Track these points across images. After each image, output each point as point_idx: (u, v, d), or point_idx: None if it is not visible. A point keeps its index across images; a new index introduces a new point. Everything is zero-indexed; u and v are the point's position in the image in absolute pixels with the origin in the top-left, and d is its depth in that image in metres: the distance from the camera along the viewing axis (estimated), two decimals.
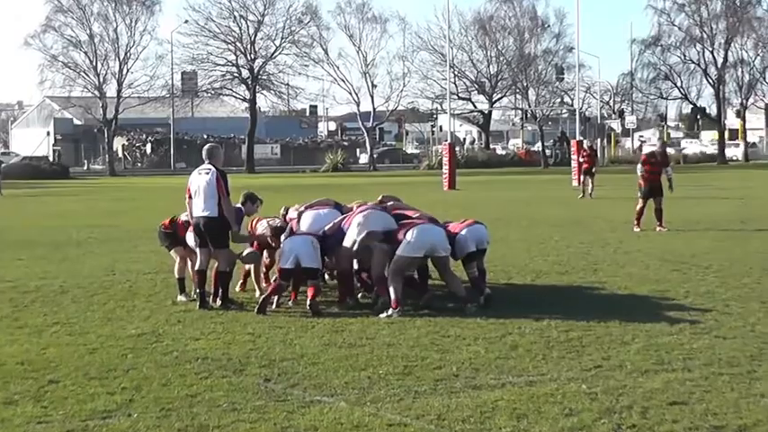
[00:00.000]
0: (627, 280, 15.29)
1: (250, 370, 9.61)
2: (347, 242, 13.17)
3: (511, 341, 10.78)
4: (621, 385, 8.83)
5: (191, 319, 12.44)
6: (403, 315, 12.24)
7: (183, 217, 13.90)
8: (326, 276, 14.74)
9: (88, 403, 8.41)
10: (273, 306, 12.99)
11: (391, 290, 12.53)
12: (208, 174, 13.27)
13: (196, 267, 13.39)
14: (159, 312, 12.93)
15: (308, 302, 12.67)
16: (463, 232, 13.53)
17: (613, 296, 13.99)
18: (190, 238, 13.68)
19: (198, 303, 13.17)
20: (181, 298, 13.77)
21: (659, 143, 25.42)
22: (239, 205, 14.09)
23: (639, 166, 23.75)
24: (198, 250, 13.40)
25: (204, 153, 13.67)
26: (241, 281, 14.74)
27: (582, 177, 38.95)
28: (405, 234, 12.74)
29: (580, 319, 11.89)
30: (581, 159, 40.24)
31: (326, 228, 13.46)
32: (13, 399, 8.62)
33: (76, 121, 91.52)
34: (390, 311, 12.36)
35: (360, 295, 13.70)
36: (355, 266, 13.67)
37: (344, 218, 13.61)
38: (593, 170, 38.14)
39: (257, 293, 13.94)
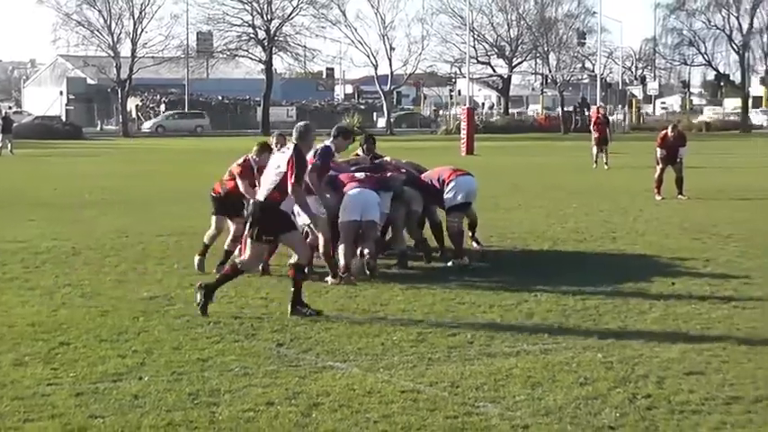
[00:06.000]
0: (646, 248, 15.27)
1: (262, 335, 9.66)
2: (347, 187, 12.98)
3: (527, 309, 10.81)
4: (637, 354, 8.85)
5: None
6: (418, 283, 12.30)
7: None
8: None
9: (99, 366, 8.48)
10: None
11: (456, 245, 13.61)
12: None
13: None
14: (171, 276, 12.98)
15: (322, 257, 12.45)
16: (455, 181, 13.75)
17: (632, 265, 13.96)
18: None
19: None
20: (197, 258, 13.30)
21: (670, 127, 24.08)
22: (329, 143, 13.01)
23: (658, 150, 23.42)
24: None
25: None
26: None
27: (594, 149, 34.97)
28: (442, 187, 13.64)
29: (598, 287, 11.91)
30: (591, 128, 36.27)
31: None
32: (24, 360, 8.69)
33: (90, 81, 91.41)
34: (464, 260, 13.42)
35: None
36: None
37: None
38: (607, 140, 34.70)
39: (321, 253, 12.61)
